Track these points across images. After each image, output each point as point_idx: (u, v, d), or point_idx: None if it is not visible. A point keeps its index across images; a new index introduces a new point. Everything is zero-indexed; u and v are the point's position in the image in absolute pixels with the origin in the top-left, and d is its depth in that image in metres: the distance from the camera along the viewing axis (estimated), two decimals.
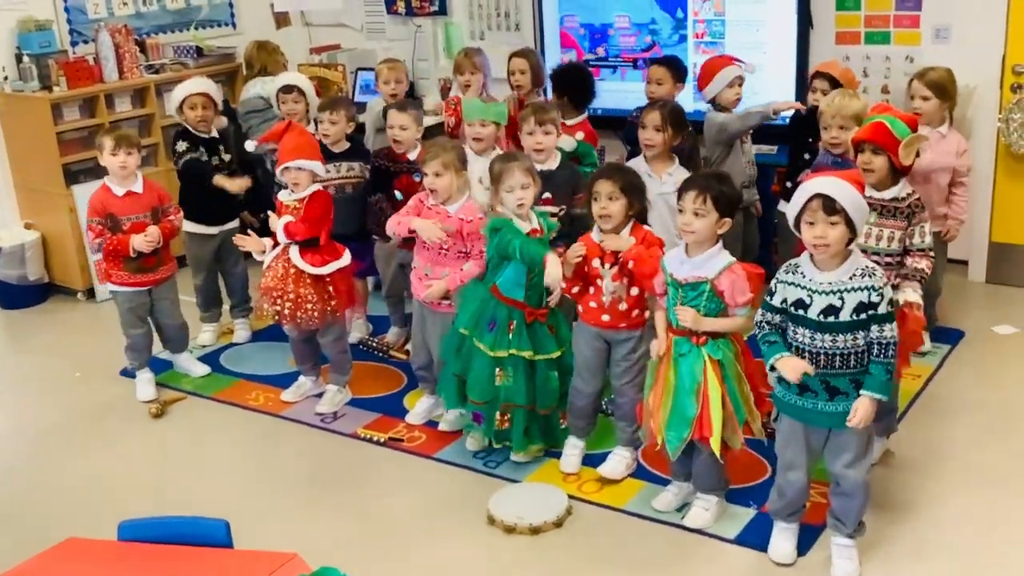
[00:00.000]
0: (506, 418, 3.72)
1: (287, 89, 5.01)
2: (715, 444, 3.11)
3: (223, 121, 5.06)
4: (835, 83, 4.51)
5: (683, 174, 4.05)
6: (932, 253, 3.45)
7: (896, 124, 3.41)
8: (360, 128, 5.13)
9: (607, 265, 3.43)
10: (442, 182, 3.78)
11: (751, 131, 4.69)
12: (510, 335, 3.62)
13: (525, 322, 3.62)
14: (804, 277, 2.90)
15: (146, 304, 4.47)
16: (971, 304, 5.02)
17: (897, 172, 3.47)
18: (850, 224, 2.80)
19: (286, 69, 6.12)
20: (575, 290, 3.53)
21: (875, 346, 2.84)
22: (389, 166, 4.55)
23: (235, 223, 4.99)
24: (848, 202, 2.79)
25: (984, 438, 3.82)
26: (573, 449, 3.74)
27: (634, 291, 3.45)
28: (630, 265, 3.35)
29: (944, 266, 4.55)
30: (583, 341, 3.60)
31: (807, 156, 4.43)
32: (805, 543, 3.21)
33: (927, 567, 3.12)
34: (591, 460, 3.74)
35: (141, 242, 4.25)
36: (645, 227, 3.47)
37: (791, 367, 2.89)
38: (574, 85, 4.95)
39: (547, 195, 3.97)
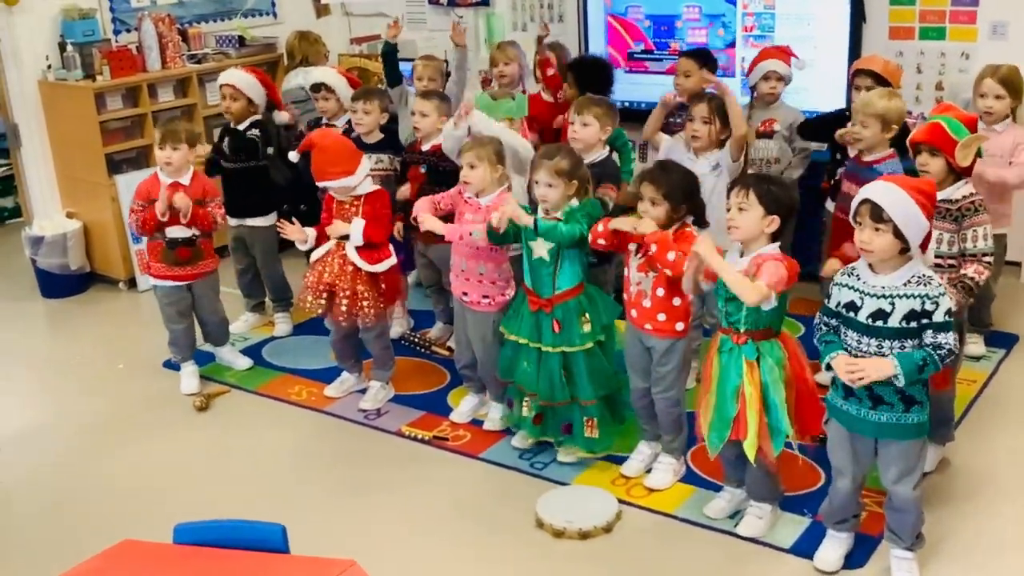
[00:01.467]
0: (528, 404, 3.70)
1: (315, 88, 4.97)
2: (749, 449, 3.04)
3: (283, 116, 5.02)
4: (880, 80, 4.42)
5: (725, 156, 4.00)
6: (988, 258, 3.35)
7: (953, 124, 3.33)
8: (394, 118, 5.10)
9: (638, 254, 3.38)
10: (475, 174, 3.74)
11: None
12: (519, 321, 3.63)
13: (529, 310, 3.59)
14: (859, 280, 2.83)
15: (187, 299, 4.45)
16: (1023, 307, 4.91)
17: (957, 173, 3.39)
18: (899, 235, 2.71)
19: (327, 59, 6.11)
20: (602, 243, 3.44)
21: (929, 346, 2.74)
22: (407, 157, 4.57)
23: (260, 219, 4.92)
24: (898, 212, 2.70)
25: None
26: (639, 454, 3.69)
27: (660, 292, 3.35)
28: (652, 250, 3.26)
29: (1000, 269, 4.45)
30: (629, 337, 3.55)
31: (839, 156, 4.34)
32: (863, 553, 3.15)
33: None
34: (614, 460, 3.70)
35: (162, 204, 4.18)
36: (694, 229, 3.37)
37: (841, 364, 2.81)
38: (592, 77, 4.88)
39: None
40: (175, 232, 4.30)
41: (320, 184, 4.08)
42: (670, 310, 3.38)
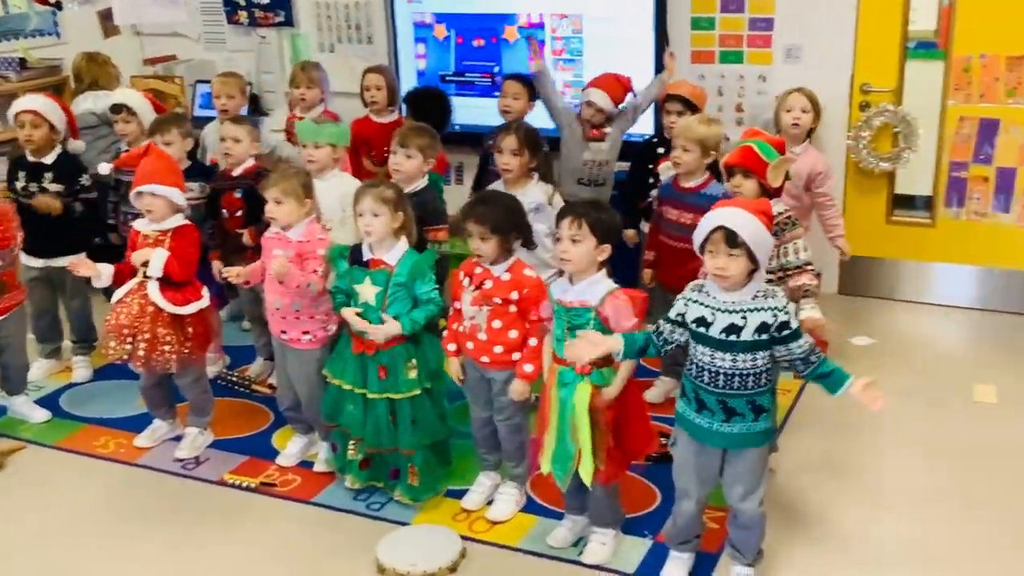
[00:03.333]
0: (355, 448, 3.58)
1: (115, 109, 4.65)
2: (585, 474, 3.03)
3: (80, 145, 4.63)
4: (690, 105, 4.57)
5: (541, 189, 4.01)
6: (811, 267, 3.52)
7: (764, 147, 3.48)
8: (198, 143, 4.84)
9: (472, 286, 3.32)
10: (282, 211, 3.56)
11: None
12: (343, 364, 3.51)
13: (352, 352, 3.47)
14: (709, 296, 2.88)
15: None
16: (827, 316, 5.15)
17: (768, 193, 3.52)
18: (752, 257, 2.78)
19: (119, 82, 5.73)
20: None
21: (799, 363, 2.84)
22: (218, 185, 4.34)
23: (68, 259, 4.56)
24: (749, 235, 2.76)
25: (858, 447, 3.93)
26: (479, 486, 3.61)
27: (497, 324, 3.31)
28: (487, 287, 3.25)
29: None
30: (468, 365, 3.48)
31: (651, 180, 4.46)
32: (704, 571, 3.19)
33: None
34: (454, 495, 3.63)
35: None
36: (524, 264, 3.34)
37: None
38: (429, 110, 4.83)
39: None
40: None
41: (145, 188, 3.70)
42: (506, 342, 3.32)
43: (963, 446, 3.93)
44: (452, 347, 3.46)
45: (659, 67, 5.24)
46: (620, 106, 4.63)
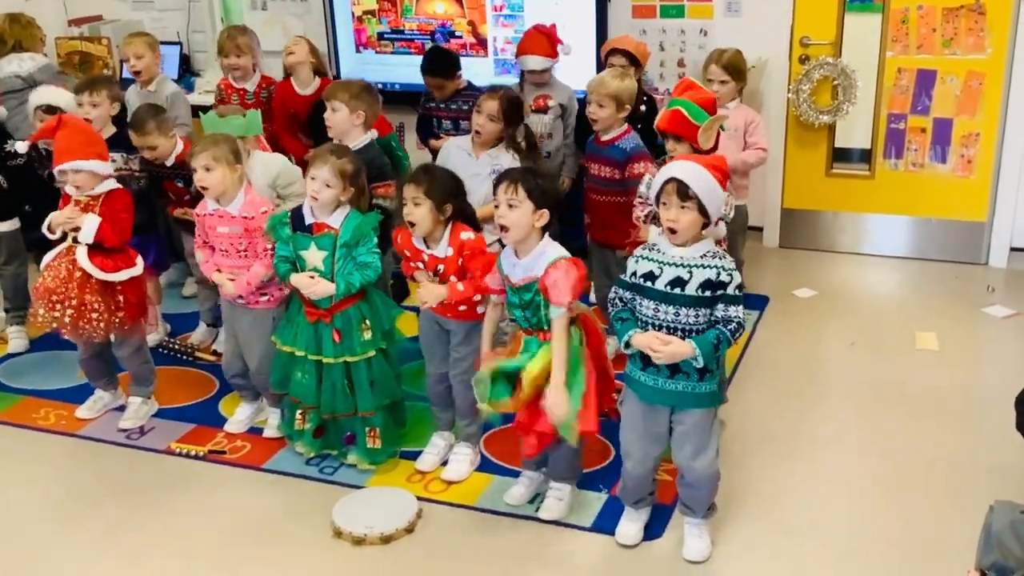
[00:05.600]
0: (303, 417, 3.55)
1: (48, 109, 4.34)
2: (568, 434, 3.03)
3: (1, 112, 4.43)
4: (633, 59, 4.55)
5: (506, 158, 3.95)
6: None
7: (692, 108, 3.41)
8: (125, 111, 4.65)
9: (428, 273, 3.31)
10: (213, 177, 3.46)
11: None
12: (295, 331, 3.44)
13: (307, 320, 3.42)
14: (658, 252, 2.87)
15: None
16: (769, 269, 5.25)
17: (702, 155, 3.51)
18: (703, 211, 2.78)
19: (44, 44, 5.51)
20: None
21: (721, 321, 2.84)
22: (157, 171, 4.17)
23: (3, 224, 4.43)
24: (701, 188, 2.77)
25: (807, 397, 3.99)
26: (433, 448, 3.59)
27: (454, 279, 3.28)
28: (441, 270, 3.25)
29: (745, 237, 4.70)
30: (423, 321, 3.46)
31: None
32: (659, 524, 3.22)
33: (776, 537, 3.20)
34: (408, 456, 3.61)
35: None
36: (464, 229, 3.29)
37: (646, 342, 2.85)
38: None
39: None
40: None
41: (65, 166, 3.57)
42: (469, 300, 3.30)
43: (909, 393, 4.01)
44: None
45: (600, 23, 5.22)
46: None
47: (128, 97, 4.79)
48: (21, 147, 3.81)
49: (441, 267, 3.28)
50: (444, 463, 3.56)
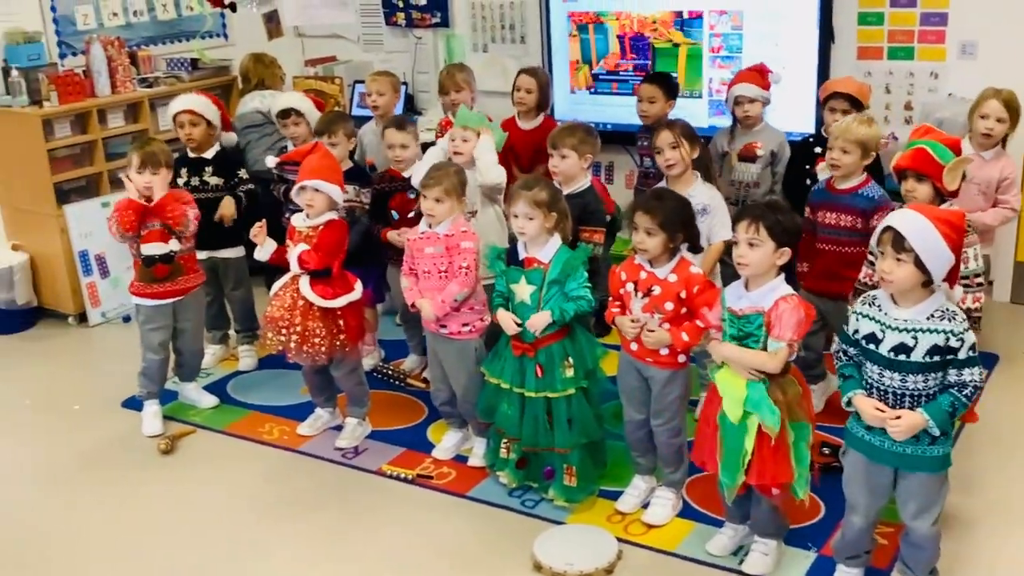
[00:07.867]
0: (508, 448, 3.60)
1: (284, 113, 4.76)
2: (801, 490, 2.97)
3: (232, 137, 4.82)
4: (855, 102, 4.39)
5: (706, 189, 3.91)
6: (979, 279, 3.34)
7: (938, 148, 3.30)
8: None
9: (639, 293, 3.27)
10: (441, 208, 3.61)
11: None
12: (502, 364, 3.50)
13: (512, 354, 3.47)
14: (880, 311, 2.74)
15: (169, 327, 4.22)
16: (1000, 326, 4.91)
17: (943, 197, 3.35)
18: (920, 265, 2.62)
19: (283, 82, 5.94)
20: (615, 310, 3.37)
21: (955, 385, 2.69)
22: (385, 187, 4.40)
23: (231, 251, 4.75)
24: (919, 242, 2.61)
25: None
26: (634, 489, 3.56)
27: (666, 326, 3.24)
28: (656, 293, 3.22)
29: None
30: (624, 368, 3.44)
31: (808, 181, 4.29)
32: None
33: None
34: (607, 496, 3.59)
35: (139, 183, 4.01)
36: (691, 262, 3.29)
37: (866, 409, 2.73)
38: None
39: None
40: (150, 249, 4.09)
41: (309, 183, 3.81)
42: (674, 344, 3.27)
43: None
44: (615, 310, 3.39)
45: (822, 64, 5.11)
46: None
47: (363, 132, 5.01)
48: (270, 161, 4.11)
49: (657, 289, 3.23)
50: (644, 505, 3.52)
